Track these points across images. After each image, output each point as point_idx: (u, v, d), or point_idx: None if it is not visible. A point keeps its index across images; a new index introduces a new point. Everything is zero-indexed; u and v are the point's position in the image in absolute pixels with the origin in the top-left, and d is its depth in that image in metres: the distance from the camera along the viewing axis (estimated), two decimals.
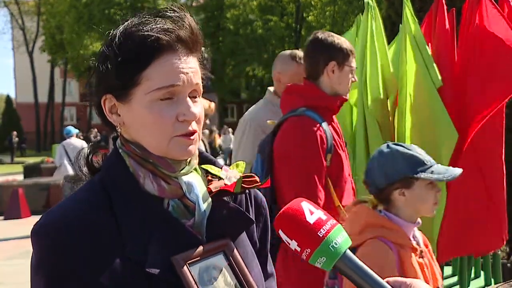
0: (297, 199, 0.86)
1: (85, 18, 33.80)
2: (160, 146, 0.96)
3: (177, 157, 0.98)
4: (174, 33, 0.95)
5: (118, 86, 0.96)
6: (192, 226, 0.98)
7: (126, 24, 0.98)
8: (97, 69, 0.99)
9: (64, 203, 0.97)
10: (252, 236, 1.11)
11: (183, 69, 0.95)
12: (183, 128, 0.96)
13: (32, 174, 14.64)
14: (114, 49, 0.95)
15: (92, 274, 0.89)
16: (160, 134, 0.95)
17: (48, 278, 0.89)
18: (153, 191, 0.97)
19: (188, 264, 0.93)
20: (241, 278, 0.98)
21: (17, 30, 41.48)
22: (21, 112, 40.35)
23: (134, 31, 0.95)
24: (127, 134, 1.00)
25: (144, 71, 0.94)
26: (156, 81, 0.94)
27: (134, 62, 0.94)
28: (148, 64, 0.94)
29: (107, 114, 1.00)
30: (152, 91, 0.94)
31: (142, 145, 0.98)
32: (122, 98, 0.97)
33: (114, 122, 1.00)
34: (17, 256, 6.93)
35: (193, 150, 0.99)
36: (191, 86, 0.97)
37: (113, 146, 1.04)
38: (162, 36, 0.94)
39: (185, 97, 0.97)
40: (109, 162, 1.01)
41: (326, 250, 0.81)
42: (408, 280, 0.82)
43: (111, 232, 0.92)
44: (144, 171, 0.97)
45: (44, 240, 0.90)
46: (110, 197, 0.95)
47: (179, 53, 0.96)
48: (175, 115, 0.95)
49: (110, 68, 0.95)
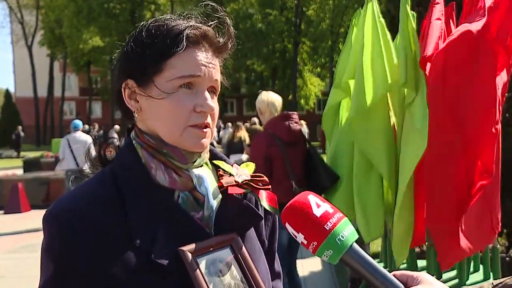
0: (304, 192, 0.87)
1: (84, 12, 33.70)
2: (175, 134, 0.98)
3: (190, 148, 0.99)
4: (202, 30, 0.99)
5: (141, 71, 0.99)
6: (201, 219, 0.99)
7: (159, 17, 1.03)
8: (122, 55, 1.02)
9: (74, 191, 0.99)
10: (261, 234, 1.12)
11: (205, 62, 0.99)
12: (198, 118, 0.98)
13: (32, 168, 14.64)
14: (143, 36, 0.99)
15: (99, 263, 0.90)
16: (176, 122, 0.97)
17: (57, 264, 0.92)
18: (164, 183, 0.98)
19: (195, 256, 0.93)
20: (247, 273, 0.99)
21: (16, 24, 41.35)
22: (20, 106, 40.32)
23: (165, 23, 1.00)
24: (142, 123, 1.03)
25: (169, 60, 0.97)
26: (178, 69, 0.97)
27: (160, 50, 0.97)
28: (173, 53, 0.97)
29: (126, 100, 1.02)
30: (173, 79, 0.97)
31: (156, 135, 1.00)
32: (143, 83, 0.99)
33: (132, 108, 1.02)
34: (17, 250, 6.95)
35: (206, 144, 1.00)
36: (210, 81, 1.00)
37: (127, 138, 1.06)
38: (190, 30, 0.98)
39: (204, 90, 0.99)
40: (122, 152, 1.03)
41: (332, 243, 0.81)
42: (415, 274, 0.83)
43: (119, 222, 0.93)
44: (156, 163, 0.99)
45: (52, 228, 0.92)
46: (119, 187, 0.97)
47: (204, 49, 1.00)
48: (192, 105, 0.98)
49: (136, 53, 0.99)
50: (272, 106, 4.06)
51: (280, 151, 3.84)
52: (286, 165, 3.83)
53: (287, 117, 3.98)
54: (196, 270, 0.92)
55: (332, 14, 35.44)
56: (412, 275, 0.83)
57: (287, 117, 3.97)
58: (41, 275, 0.95)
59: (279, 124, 3.93)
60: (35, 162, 15.49)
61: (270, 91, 4.28)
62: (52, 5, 36.63)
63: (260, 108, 4.10)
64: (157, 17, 1.03)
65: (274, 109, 4.07)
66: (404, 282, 0.83)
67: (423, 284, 0.81)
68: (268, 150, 3.83)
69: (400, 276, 0.83)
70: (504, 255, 4.82)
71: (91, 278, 0.91)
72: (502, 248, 5.10)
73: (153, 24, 1.00)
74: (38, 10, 39.63)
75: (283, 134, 3.89)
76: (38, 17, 39.98)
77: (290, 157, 3.86)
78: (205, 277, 0.93)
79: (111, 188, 0.97)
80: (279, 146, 3.84)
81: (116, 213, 0.94)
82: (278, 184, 3.66)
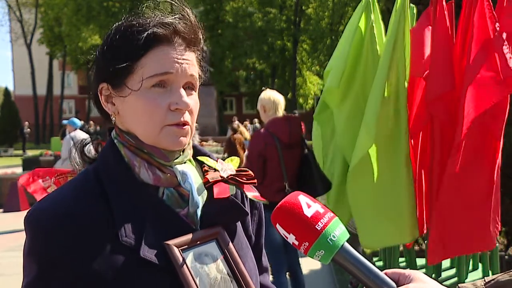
0: (294, 193, 0.86)
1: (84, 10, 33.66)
2: (152, 134, 0.98)
3: (168, 147, 0.99)
4: (171, 26, 0.97)
5: (113, 74, 0.98)
6: (186, 215, 0.99)
7: (126, 17, 1.01)
8: (96, 59, 1.02)
9: (56, 191, 0.98)
10: (247, 229, 1.12)
11: (177, 59, 0.97)
12: (175, 117, 0.97)
13: (31, 167, 14.61)
14: (112, 38, 0.98)
15: (84, 262, 0.90)
16: (152, 122, 0.96)
17: (39, 265, 0.91)
18: (148, 180, 0.98)
19: (181, 250, 0.93)
20: (233, 266, 0.99)
21: (15, 22, 41.28)
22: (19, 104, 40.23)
23: (133, 23, 0.98)
24: (121, 125, 1.02)
25: (139, 60, 0.96)
26: (150, 68, 0.96)
27: (130, 51, 0.96)
28: (143, 53, 0.96)
29: (103, 103, 1.02)
30: (145, 79, 0.96)
31: (135, 135, 1.00)
32: (117, 86, 0.99)
33: (109, 111, 1.02)
34: (17, 248, 6.94)
35: (184, 141, 1.00)
36: (185, 77, 0.99)
37: (108, 137, 1.05)
38: (159, 28, 0.96)
39: (178, 87, 0.98)
40: (104, 152, 1.03)
41: (324, 243, 0.81)
42: (407, 272, 0.83)
43: (102, 219, 0.93)
44: (139, 160, 0.99)
45: (34, 227, 0.92)
46: (103, 186, 0.96)
47: (175, 45, 0.98)
48: (167, 104, 0.97)
49: (107, 56, 0.98)
50: (277, 105, 4.04)
51: (276, 152, 3.84)
52: (281, 166, 3.83)
53: (290, 119, 3.97)
54: (182, 264, 0.92)
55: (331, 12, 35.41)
56: (404, 273, 0.82)
57: (290, 120, 3.97)
58: (24, 277, 0.94)
59: (281, 125, 3.93)
60: (34, 161, 15.47)
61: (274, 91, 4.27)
62: (51, 3, 36.54)
63: (265, 105, 4.05)
64: (127, 16, 1.01)
65: (279, 108, 4.05)
66: (396, 280, 0.82)
67: (415, 282, 0.80)
68: (265, 149, 3.83)
69: (392, 274, 0.83)
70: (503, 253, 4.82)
71: (75, 278, 0.90)
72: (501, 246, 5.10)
73: (121, 25, 1.00)
74: (37, 8, 39.55)
75: (284, 136, 3.88)
76: (37, 15, 39.90)
77: (286, 159, 3.86)
78: (191, 270, 0.93)
79: (95, 186, 0.96)
80: (276, 147, 3.84)
81: (100, 212, 0.93)
82: (271, 184, 3.69)
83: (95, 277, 0.90)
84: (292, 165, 3.90)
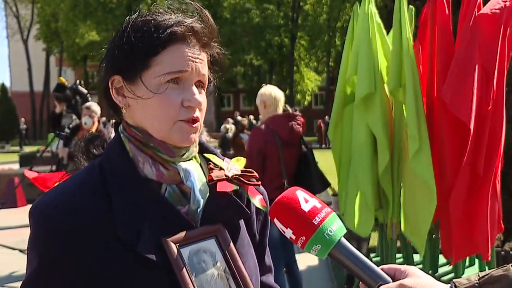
0: (292, 188, 0.87)
1: (81, 6, 33.59)
2: (164, 129, 0.98)
3: (178, 143, 1.00)
4: (188, 25, 0.99)
5: (129, 68, 0.99)
6: (187, 213, 0.99)
7: (145, 12, 1.03)
8: (110, 50, 1.02)
9: (60, 185, 0.99)
10: (252, 228, 1.12)
11: (192, 57, 0.99)
12: (187, 113, 0.99)
13: (28, 163, 14.58)
14: (130, 32, 0.99)
15: (84, 256, 0.91)
16: (165, 117, 0.98)
17: (41, 257, 0.93)
18: (152, 176, 0.99)
19: (179, 246, 0.94)
20: (231, 264, 0.99)
21: (11, 18, 41.17)
22: (16, 100, 40.16)
23: (152, 19, 1.00)
24: (130, 118, 1.03)
25: (156, 56, 0.97)
26: (165, 66, 0.97)
27: (147, 47, 0.97)
28: (160, 50, 0.97)
29: (114, 95, 1.02)
30: (161, 75, 0.97)
31: (144, 129, 1.00)
32: (130, 80, 0.99)
33: (119, 104, 1.02)
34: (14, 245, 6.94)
35: (194, 139, 1.01)
36: (198, 75, 1.01)
37: (115, 132, 1.06)
38: (177, 26, 0.98)
39: (191, 85, 1.00)
40: (110, 146, 1.04)
41: (321, 238, 0.81)
42: (403, 267, 0.83)
43: (103, 214, 0.93)
44: (143, 156, 0.99)
45: (37, 221, 0.94)
46: (106, 181, 0.97)
47: (191, 44, 1.00)
48: (180, 100, 0.98)
49: (123, 49, 0.99)
50: (278, 101, 3.99)
51: (276, 149, 3.83)
52: (280, 164, 3.83)
53: (291, 117, 3.95)
54: (179, 260, 0.92)
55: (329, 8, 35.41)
56: (400, 269, 0.83)
57: (291, 117, 3.94)
58: (27, 268, 0.96)
59: (282, 122, 3.90)
60: (31, 157, 15.44)
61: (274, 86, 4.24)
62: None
63: (266, 101, 3.99)
64: (144, 12, 1.03)
65: (279, 105, 4.01)
66: (392, 275, 0.83)
67: (411, 277, 0.81)
68: (265, 147, 3.82)
69: (388, 269, 0.84)
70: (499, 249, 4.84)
71: (75, 271, 0.91)
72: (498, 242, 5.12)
73: (140, 19, 1.00)
74: (33, 4, 39.41)
75: (284, 133, 3.86)
76: (33, 11, 39.76)
77: (286, 156, 3.85)
78: (187, 267, 0.93)
79: (98, 181, 0.97)
80: (276, 144, 3.83)
81: (102, 206, 0.94)
82: (270, 181, 3.68)
83: (95, 274, 0.91)
84: (291, 163, 3.90)
